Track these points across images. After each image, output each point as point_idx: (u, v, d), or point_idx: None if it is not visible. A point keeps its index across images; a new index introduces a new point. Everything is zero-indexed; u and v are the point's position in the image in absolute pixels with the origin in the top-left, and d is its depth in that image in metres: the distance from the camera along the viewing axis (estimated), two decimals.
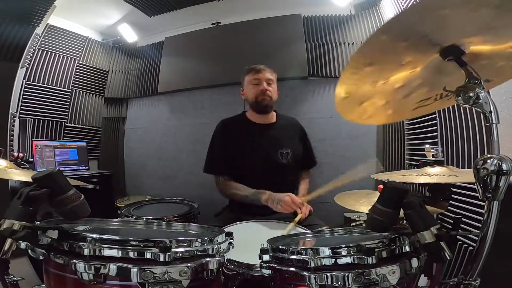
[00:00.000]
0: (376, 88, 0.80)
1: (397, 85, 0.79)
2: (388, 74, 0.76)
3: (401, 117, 1.00)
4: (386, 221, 0.62)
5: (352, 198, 1.20)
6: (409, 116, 0.96)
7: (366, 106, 0.88)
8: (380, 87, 0.79)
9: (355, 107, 0.88)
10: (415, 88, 0.81)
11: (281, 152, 1.52)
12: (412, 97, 0.85)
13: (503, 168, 0.57)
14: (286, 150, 1.53)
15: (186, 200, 1.75)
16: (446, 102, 0.87)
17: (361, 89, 0.81)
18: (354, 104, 0.87)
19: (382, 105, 0.87)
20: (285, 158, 1.52)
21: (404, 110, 0.93)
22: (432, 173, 1.02)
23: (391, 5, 2.26)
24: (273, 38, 2.66)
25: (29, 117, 2.60)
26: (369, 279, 0.56)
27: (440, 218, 1.57)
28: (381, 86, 0.79)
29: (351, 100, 0.84)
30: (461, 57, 0.67)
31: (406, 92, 0.82)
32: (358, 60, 0.72)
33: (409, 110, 0.91)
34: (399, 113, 0.94)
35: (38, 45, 2.65)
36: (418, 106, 0.89)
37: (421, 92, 0.83)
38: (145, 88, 3.14)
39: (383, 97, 0.85)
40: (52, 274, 0.62)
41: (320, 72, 2.55)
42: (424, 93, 0.84)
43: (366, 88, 0.80)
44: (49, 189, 0.59)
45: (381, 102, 0.86)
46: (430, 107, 0.89)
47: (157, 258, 0.56)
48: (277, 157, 1.51)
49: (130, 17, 2.93)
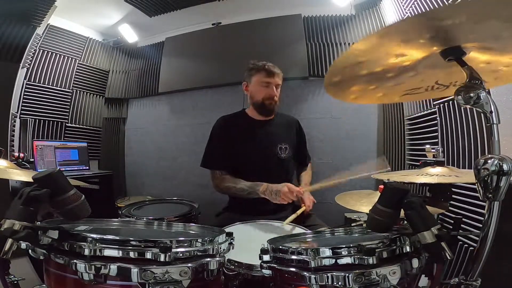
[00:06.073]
0: (368, 76, 0.79)
1: (390, 75, 0.79)
2: (383, 65, 0.75)
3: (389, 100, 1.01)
4: (386, 221, 0.62)
5: (353, 198, 1.20)
6: (397, 100, 0.97)
7: (355, 89, 0.88)
8: (372, 75, 0.79)
9: (345, 90, 0.88)
10: (408, 79, 0.81)
11: (280, 147, 1.54)
12: (403, 85, 0.85)
13: (503, 168, 0.57)
14: (285, 145, 1.55)
15: (186, 200, 1.75)
16: (437, 93, 0.87)
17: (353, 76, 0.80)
18: (344, 88, 0.87)
19: (372, 88, 0.87)
20: (284, 152, 1.54)
21: (394, 95, 0.94)
22: (432, 173, 1.02)
23: (391, 5, 2.26)
24: (273, 38, 2.66)
25: (29, 117, 2.61)
26: (370, 279, 0.56)
27: (441, 219, 1.57)
28: (373, 75, 0.79)
29: (341, 85, 0.85)
30: (461, 57, 0.67)
31: (398, 81, 0.82)
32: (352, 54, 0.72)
33: (398, 96, 0.92)
34: (388, 96, 0.95)
35: (39, 45, 2.65)
36: (408, 93, 0.89)
37: (412, 83, 0.84)
38: (145, 88, 3.14)
39: (374, 84, 0.85)
40: (52, 274, 0.62)
41: (320, 72, 2.54)
42: (415, 83, 0.84)
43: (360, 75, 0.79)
44: (50, 189, 0.59)
45: (372, 86, 0.86)
46: (420, 95, 0.90)
47: (158, 258, 0.56)
48: (277, 152, 1.53)
49: (131, 17, 2.93)
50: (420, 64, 0.75)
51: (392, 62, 0.73)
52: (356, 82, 0.83)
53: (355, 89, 0.87)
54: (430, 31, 0.61)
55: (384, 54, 0.70)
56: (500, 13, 0.54)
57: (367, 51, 0.70)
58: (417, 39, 0.64)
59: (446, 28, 0.60)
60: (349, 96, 0.92)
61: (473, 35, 0.62)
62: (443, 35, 0.62)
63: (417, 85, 0.85)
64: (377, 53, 0.70)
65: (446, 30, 0.60)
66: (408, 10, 1.97)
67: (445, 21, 0.57)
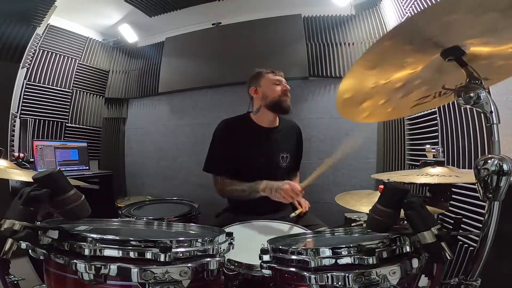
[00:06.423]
0: (377, 88, 0.80)
1: (398, 85, 0.80)
2: (389, 75, 0.76)
3: (400, 114, 1.01)
4: (386, 221, 0.62)
5: (353, 198, 1.20)
6: (408, 113, 0.98)
7: (366, 106, 0.88)
8: (380, 87, 0.79)
9: (356, 106, 0.88)
10: (415, 87, 0.81)
11: (282, 156, 1.54)
12: (411, 95, 0.85)
13: (503, 168, 0.57)
14: (286, 154, 1.56)
15: (186, 200, 1.75)
16: (445, 99, 0.87)
17: (363, 90, 0.81)
18: (356, 104, 0.87)
19: (381, 103, 0.87)
20: (284, 161, 1.55)
21: (403, 108, 0.94)
22: (432, 173, 1.02)
23: (391, 5, 2.26)
24: (273, 38, 2.66)
25: (29, 117, 2.61)
26: (370, 279, 0.56)
27: (441, 219, 1.57)
28: (382, 86, 0.79)
29: (352, 100, 0.85)
30: (461, 57, 0.67)
31: (406, 91, 0.83)
32: (361, 65, 0.73)
33: (408, 108, 0.92)
34: (398, 110, 0.95)
35: (39, 45, 2.65)
36: (417, 103, 0.89)
37: (420, 91, 0.84)
38: (145, 88, 3.14)
39: (383, 97, 0.85)
40: (52, 274, 0.62)
41: (320, 72, 2.55)
42: (423, 92, 0.84)
43: (368, 88, 0.80)
44: (50, 189, 0.59)
45: (381, 101, 0.86)
46: (428, 104, 0.90)
47: (158, 258, 0.56)
48: (278, 161, 1.53)
49: (131, 17, 2.93)
50: (425, 70, 0.75)
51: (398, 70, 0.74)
52: (366, 97, 0.83)
53: (366, 105, 0.87)
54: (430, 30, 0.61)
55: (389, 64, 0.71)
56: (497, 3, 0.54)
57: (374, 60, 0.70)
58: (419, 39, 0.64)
59: (445, 26, 0.60)
60: (361, 115, 0.92)
61: (472, 31, 0.62)
62: (443, 34, 0.62)
63: (425, 93, 0.84)
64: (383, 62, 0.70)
65: (445, 28, 0.61)
66: (408, 10, 1.97)
67: (445, 16, 0.57)
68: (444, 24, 0.60)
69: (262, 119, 1.55)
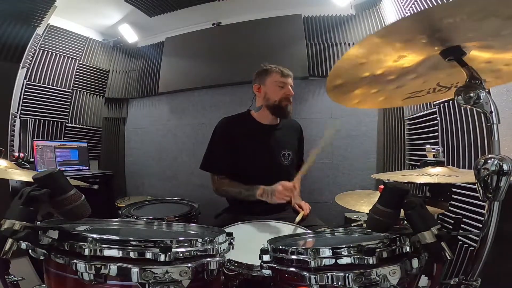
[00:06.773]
0: (369, 78, 0.79)
1: (391, 77, 0.79)
2: (383, 67, 0.75)
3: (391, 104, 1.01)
4: (386, 221, 0.62)
5: (353, 198, 1.20)
6: (400, 104, 0.96)
7: (357, 93, 0.87)
8: (373, 77, 0.79)
9: (347, 94, 0.88)
10: (409, 81, 0.81)
11: (283, 154, 1.53)
12: (405, 88, 0.85)
13: (503, 168, 0.57)
14: (288, 151, 1.54)
15: (186, 200, 1.75)
16: (439, 95, 0.87)
17: (354, 79, 0.80)
18: (346, 91, 0.87)
19: (373, 92, 0.87)
20: (286, 159, 1.53)
21: (395, 99, 0.93)
22: (432, 173, 1.02)
23: (391, 5, 2.26)
24: (273, 38, 2.66)
25: (29, 117, 2.61)
26: (370, 279, 0.56)
27: (441, 219, 1.57)
28: (375, 77, 0.78)
29: (342, 89, 0.84)
30: (461, 57, 0.67)
31: (399, 84, 0.82)
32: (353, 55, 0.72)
33: (400, 100, 0.92)
34: (390, 100, 0.94)
35: (39, 45, 2.65)
36: (410, 96, 0.89)
37: (414, 85, 0.83)
38: (145, 88, 3.14)
39: (375, 87, 0.84)
40: (52, 274, 0.62)
41: (320, 72, 2.55)
42: (417, 86, 0.84)
43: (359, 78, 0.79)
44: (50, 189, 0.59)
45: (373, 90, 0.86)
46: (421, 98, 0.90)
47: (158, 258, 0.56)
48: (280, 158, 1.52)
49: (131, 17, 2.93)
50: (421, 66, 0.74)
51: (393, 64, 0.73)
52: (358, 85, 0.83)
53: (357, 93, 0.87)
54: (430, 30, 0.61)
55: (384, 56, 0.70)
56: (500, 10, 0.54)
57: (368, 52, 0.69)
58: (417, 39, 0.64)
59: (446, 27, 0.60)
60: (351, 101, 0.91)
61: (473, 34, 0.62)
62: (443, 34, 0.62)
63: (419, 88, 0.84)
64: (378, 54, 0.70)
65: (445, 29, 0.60)
66: (408, 10, 1.97)
67: (445, 19, 0.57)
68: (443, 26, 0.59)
69: (263, 116, 1.55)
